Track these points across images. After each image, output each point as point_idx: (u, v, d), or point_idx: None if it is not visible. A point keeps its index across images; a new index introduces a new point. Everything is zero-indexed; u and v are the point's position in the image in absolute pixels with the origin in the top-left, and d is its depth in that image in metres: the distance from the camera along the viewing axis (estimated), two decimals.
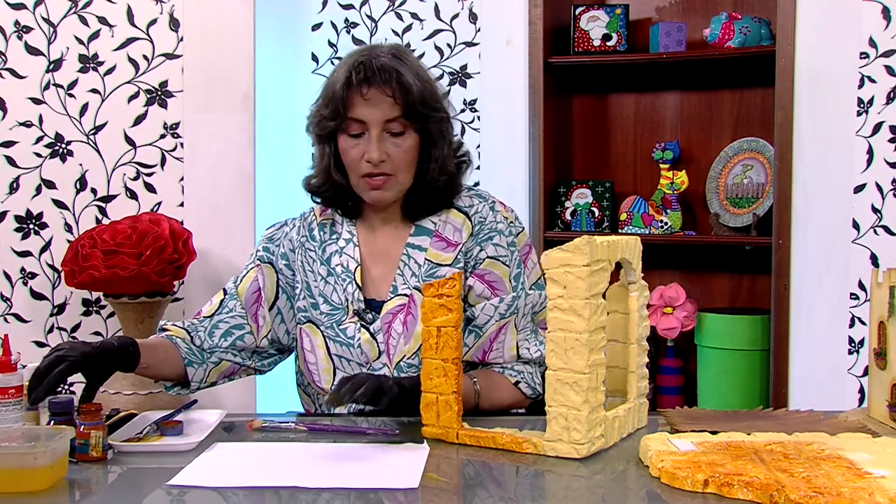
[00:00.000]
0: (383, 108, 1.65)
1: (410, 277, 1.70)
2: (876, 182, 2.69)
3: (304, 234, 1.80)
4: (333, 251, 1.76)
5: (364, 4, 3.25)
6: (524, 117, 3.15)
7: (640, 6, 3.24)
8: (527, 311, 1.71)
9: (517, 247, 1.75)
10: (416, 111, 1.66)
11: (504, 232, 1.74)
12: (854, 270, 2.72)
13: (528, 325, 1.71)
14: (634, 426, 1.50)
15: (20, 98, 2.72)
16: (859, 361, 2.71)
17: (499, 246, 1.72)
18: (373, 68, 1.64)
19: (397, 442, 1.45)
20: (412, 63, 1.70)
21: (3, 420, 1.43)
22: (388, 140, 1.67)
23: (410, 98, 1.65)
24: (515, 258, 1.73)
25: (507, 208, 1.79)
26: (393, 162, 1.67)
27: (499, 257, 1.72)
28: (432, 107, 1.69)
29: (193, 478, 1.27)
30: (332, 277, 1.74)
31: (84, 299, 2.76)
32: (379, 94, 1.64)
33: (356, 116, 1.66)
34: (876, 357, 1.55)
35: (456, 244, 1.72)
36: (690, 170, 3.17)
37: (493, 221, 1.74)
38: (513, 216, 1.78)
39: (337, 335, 1.71)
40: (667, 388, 3.17)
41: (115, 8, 2.74)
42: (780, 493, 1.12)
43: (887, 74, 2.67)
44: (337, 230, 1.79)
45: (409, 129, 1.68)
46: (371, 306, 1.72)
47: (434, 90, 1.71)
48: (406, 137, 1.68)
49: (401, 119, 1.66)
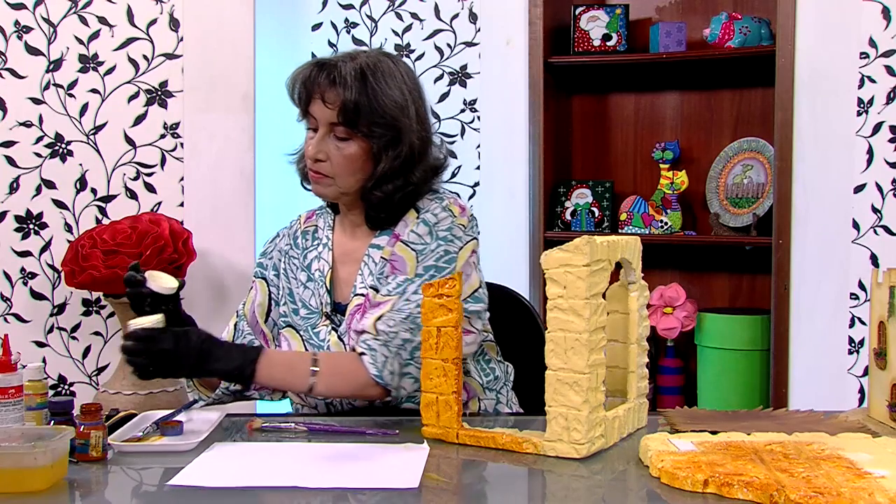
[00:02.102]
0: (327, 110, 1.66)
1: (368, 276, 1.71)
2: (876, 182, 2.69)
3: (290, 243, 1.84)
4: (313, 257, 1.79)
5: (364, 4, 3.25)
6: (524, 117, 3.15)
7: (640, 6, 3.24)
8: (414, 300, 1.61)
9: (452, 245, 1.66)
10: (352, 121, 1.65)
11: (431, 223, 1.67)
12: (854, 270, 2.72)
13: (411, 311, 1.60)
14: (634, 426, 1.50)
15: (20, 98, 2.72)
16: (859, 361, 2.71)
17: (415, 233, 1.67)
18: (323, 70, 1.66)
19: (397, 442, 1.45)
20: (378, 77, 1.66)
21: (3, 420, 1.43)
22: (332, 142, 1.67)
23: (346, 108, 1.64)
24: (438, 252, 1.65)
25: (464, 211, 1.71)
26: (332, 164, 1.67)
27: (409, 242, 1.67)
28: (374, 122, 1.65)
29: (193, 478, 1.27)
30: (312, 283, 1.77)
31: (84, 299, 2.76)
32: (320, 95, 1.66)
33: (310, 111, 1.69)
34: (876, 357, 1.55)
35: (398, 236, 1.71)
36: (690, 170, 3.17)
37: (432, 213, 1.69)
38: (466, 220, 1.70)
39: (311, 338, 1.74)
40: (667, 388, 3.17)
41: (115, 8, 2.74)
42: (780, 493, 1.12)
43: (887, 74, 2.67)
44: (318, 236, 1.81)
45: (354, 138, 1.66)
46: (338, 309, 1.74)
47: (386, 108, 1.65)
48: (350, 144, 1.67)
49: (342, 125, 1.66)
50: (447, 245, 1.66)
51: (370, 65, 1.67)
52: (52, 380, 2.72)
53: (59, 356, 2.75)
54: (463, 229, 1.69)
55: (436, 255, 1.65)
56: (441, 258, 1.66)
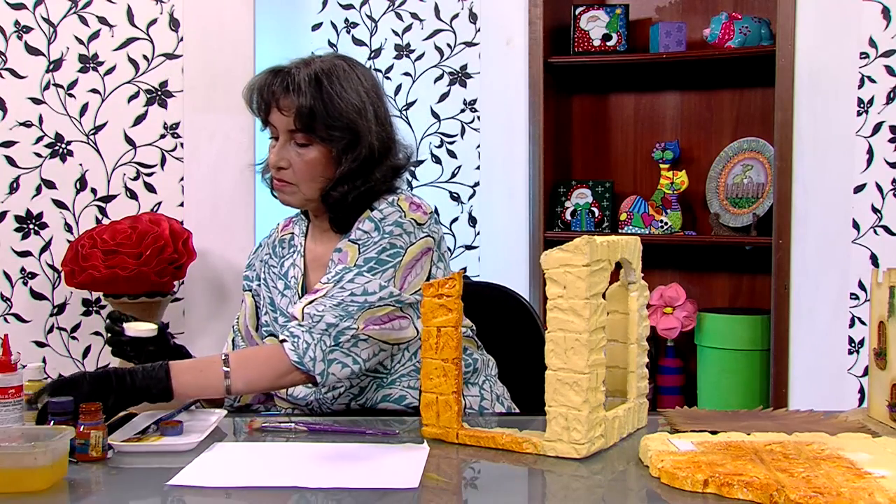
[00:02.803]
0: (284, 118, 1.66)
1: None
2: (876, 182, 2.69)
3: (269, 252, 1.85)
4: (289, 265, 1.80)
5: (364, 4, 3.26)
6: (524, 117, 3.15)
7: (640, 6, 3.24)
8: (350, 288, 1.59)
9: (398, 240, 1.63)
10: (309, 127, 1.65)
11: (377, 219, 1.65)
12: (854, 270, 2.72)
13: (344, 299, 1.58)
14: (634, 426, 1.50)
15: (20, 98, 2.72)
16: (859, 361, 2.71)
17: (361, 230, 1.66)
18: (278, 77, 1.66)
19: (397, 442, 1.45)
20: (334, 82, 1.65)
21: (3, 420, 1.43)
22: (293, 149, 1.67)
23: (301, 114, 1.64)
24: (382, 245, 1.63)
25: (418, 208, 1.68)
26: (294, 171, 1.68)
27: (356, 240, 1.65)
28: (331, 126, 1.65)
29: (193, 478, 1.27)
30: (288, 290, 1.78)
31: (84, 299, 2.76)
32: (276, 103, 1.66)
33: (270, 120, 1.69)
34: (876, 357, 1.55)
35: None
36: (690, 170, 3.17)
37: (380, 213, 1.66)
38: (420, 216, 1.67)
39: None
40: (667, 388, 3.17)
41: (115, 8, 2.74)
42: (780, 493, 1.12)
43: (887, 74, 2.67)
44: (294, 243, 1.82)
45: (314, 144, 1.67)
46: None
47: (342, 112, 1.65)
48: (310, 150, 1.67)
49: (300, 132, 1.66)
50: (392, 239, 1.63)
51: (324, 69, 1.67)
52: (51, 380, 2.72)
53: (59, 356, 2.75)
54: (415, 225, 1.65)
55: (378, 247, 1.62)
56: (385, 251, 1.62)
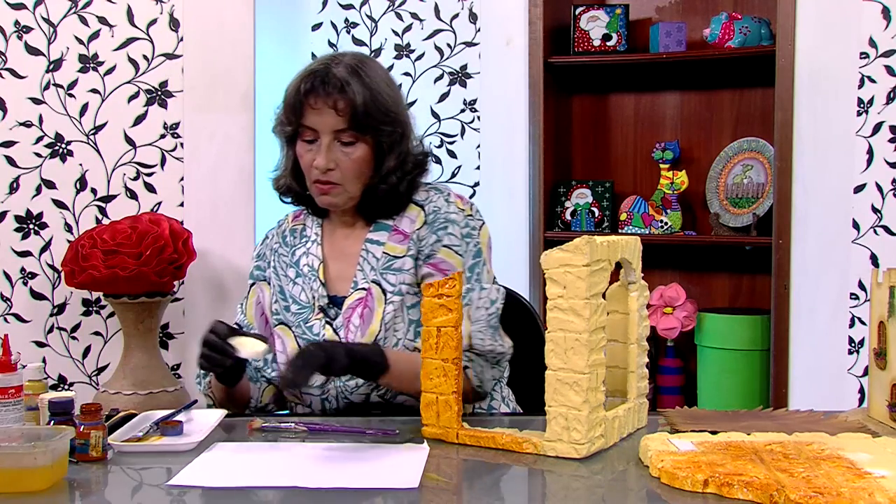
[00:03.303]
0: (331, 119, 1.66)
1: (370, 272, 1.72)
2: (876, 182, 2.69)
3: (278, 241, 1.85)
4: (301, 253, 1.80)
5: (364, 4, 3.25)
6: (524, 117, 3.15)
7: (640, 6, 3.24)
8: (482, 304, 1.69)
9: (475, 238, 1.74)
10: (362, 124, 1.67)
11: (459, 223, 1.73)
12: (854, 270, 2.72)
13: (483, 317, 1.69)
14: (634, 426, 1.50)
15: (20, 98, 2.72)
16: (859, 361, 2.71)
17: (452, 235, 1.72)
18: (322, 79, 1.66)
19: (397, 442, 1.45)
20: (369, 75, 1.69)
21: (3, 420, 1.43)
22: (339, 149, 1.68)
23: (355, 111, 1.65)
24: (472, 250, 1.73)
25: (464, 201, 1.78)
26: (341, 171, 1.69)
27: (452, 246, 1.71)
28: (380, 121, 1.68)
29: (193, 478, 1.27)
30: (301, 278, 1.78)
31: (84, 299, 2.76)
32: (325, 104, 1.66)
33: (308, 124, 1.68)
34: (876, 357, 1.55)
35: (408, 234, 1.73)
36: (690, 170, 3.17)
37: (446, 212, 1.74)
38: (470, 209, 1.77)
39: (304, 333, 1.74)
40: (667, 388, 3.17)
41: (115, 8, 2.73)
42: (780, 493, 1.12)
43: (887, 74, 2.67)
44: (307, 233, 1.83)
45: (360, 140, 1.69)
46: (334, 302, 1.75)
47: (387, 104, 1.70)
48: (356, 148, 1.69)
49: (349, 130, 1.67)
50: (473, 240, 1.74)
51: (358, 66, 1.69)
52: (52, 380, 2.72)
53: (59, 356, 2.75)
54: (473, 217, 1.76)
55: (471, 252, 1.73)
56: (477, 255, 1.73)
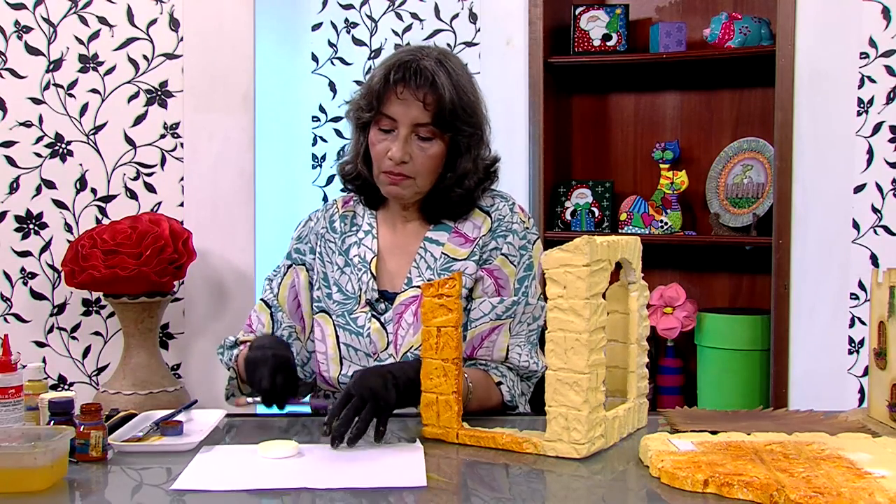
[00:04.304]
0: (414, 111, 1.66)
1: (426, 270, 1.72)
2: (876, 182, 2.69)
3: (325, 226, 1.83)
4: (352, 242, 1.79)
5: (364, 4, 3.25)
6: (524, 117, 3.15)
7: (640, 6, 3.24)
8: (524, 319, 1.71)
9: (530, 251, 1.75)
10: (446, 121, 1.67)
11: (518, 233, 1.75)
12: (854, 270, 2.72)
13: (524, 332, 1.71)
14: (634, 426, 1.50)
15: (20, 98, 2.72)
16: (859, 361, 2.71)
17: (511, 245, 1.73)
18: (412, 70, 1.66)
19: (389, 442, 1.44)
20: (455, 72, 1.69)
21: (3, 420, 1.43)
22: (415, 142, 1.68)
23: (442, 107, 1.65)
24: (525, 262, 1.74)
25: (525, 213, 1.80)
26: (415, 165, 1.69)
27: (509, 256, 1.73)
28: (463, 120, 1.69)
29: (195, 481, 1.27)
30: (349, 268, 1.76)
31: (84, 299, 2.76)
32: (412, 96, 1.66)
33: (388, 113, 1.67)
34: (876, 357, 1.55)
35: (473, 239, 1.74)
36: (690, 170, 3.17)
37: (509, 221, 1.75)
38: (530, 223, 1.79)
39: (347, 324, 1.73)
40: (667, 388, 3.17)
41: (115, 8, 2.73)
42: (780, 493, 1.12)
43: (887, 74, 2.67)
44: (357, 222, 1.81)
45: (438, 137, 1.69)
46: (384, 297, 1.74)
47: (471, 104, 1.71)
48: (433, 144, 1.69)
49: (430, 126, 1.67)
50: (529, 253, 1.75)
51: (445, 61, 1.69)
52: (52, 380, 2.72)
53: (59, 356, 2.75)
54: (529, 231, 1.77)
55: (524, 264, 1.74)
56: (529, 268, 1.74)
